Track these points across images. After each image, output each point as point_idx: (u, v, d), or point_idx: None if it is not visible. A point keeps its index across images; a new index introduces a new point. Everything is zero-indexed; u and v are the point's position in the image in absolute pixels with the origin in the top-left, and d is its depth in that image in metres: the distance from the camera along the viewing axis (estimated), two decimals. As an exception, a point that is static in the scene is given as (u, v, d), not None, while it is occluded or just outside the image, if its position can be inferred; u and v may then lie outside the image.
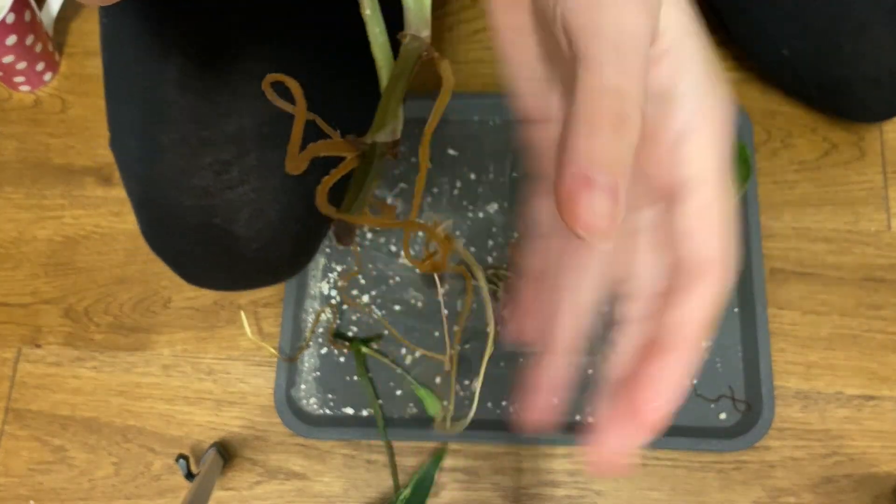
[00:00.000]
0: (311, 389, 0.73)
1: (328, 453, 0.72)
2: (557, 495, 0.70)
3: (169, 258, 0.58)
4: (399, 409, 0.72)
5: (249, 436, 0.73)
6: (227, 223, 0.54)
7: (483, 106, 0.79)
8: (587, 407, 0.71)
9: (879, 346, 0.72)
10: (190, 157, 0.53)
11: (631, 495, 0.69)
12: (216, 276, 0.59)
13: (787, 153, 0.78)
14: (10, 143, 0.85)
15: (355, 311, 0.75)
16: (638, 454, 0.70)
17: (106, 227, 0.81)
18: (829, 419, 0.70)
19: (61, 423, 0.75)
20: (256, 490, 0.71)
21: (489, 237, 0.76)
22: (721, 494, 0.69)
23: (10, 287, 0.80)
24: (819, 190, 0.77)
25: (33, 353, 0.77)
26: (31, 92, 0.87)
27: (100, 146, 0.84)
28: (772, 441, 0.69)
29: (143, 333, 0.77)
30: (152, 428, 0.74)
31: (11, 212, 0.82)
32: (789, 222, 0.76)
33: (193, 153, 0.53)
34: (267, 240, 0.55)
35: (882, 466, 0.69)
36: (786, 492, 0.68)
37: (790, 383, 0.71)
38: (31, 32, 0.80)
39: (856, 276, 0.74)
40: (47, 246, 0.81)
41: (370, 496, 0.71)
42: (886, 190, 0.77)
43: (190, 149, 0.53)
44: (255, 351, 0.75)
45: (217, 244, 0.55)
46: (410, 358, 0.73)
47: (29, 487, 0.73)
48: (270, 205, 0.54)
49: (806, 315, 0.73)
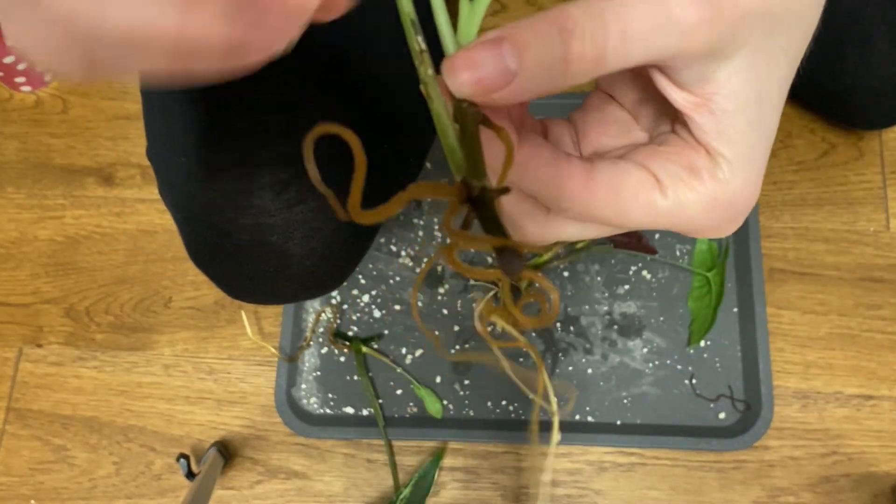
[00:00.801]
0: (311, 389, 0.73)
1: (328, 453, 0.72)
2: (557, 494, 0.70)
3: (216, 274, 0.58)
4: (399, 409, 0.72)
5: (250, 435, 0.73)
6: (283, 241, 0.54)
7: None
8: (587, 407, 0.71)
9: (878, 345, 0.72)
10: (249, 177, 0.53)
11: (631, 494, 0.69)
12: (262, 292, 0.59)
13: (786, 153, 0.78)
14: (11, 144, 0.85)
15: (355, 310, 0.75)
16: (637, 453, 0.70)
17: (107, 228, 0.81)
18: (827, 419, 0.70)
19: (62, 422, 0.75)
20: (257, 489, 0.72)
21: (489, 237, 0.76)
22: (720, 494, 0.69)
23: (12, 287, 0.80)
24: (818, 190, 0.77)
25: (34, 353, 0.77)
26: (33, 92, 0.87)
27: (101, 146, 0.84)
28: (771, 441, 0.70)
29: (143, 333, 0.77)
30: (153, 427, 0.74)
31: (13, 212, 0.83)
32: (788, 222, 0.76)
33: (252, 172, 0.53)
34: (318, 256, 0.56)
35: (881, 466, 0.69)
36: (785, 491, 0.69)
37: (789, 383, 0.71)
38: (33, 33, 0.80)
39: (854, 275, 0.74)
40: (48, 246, 0.81)
41: (370, 495, 0.71)
42: (885, 190, 0.77)
43: (248, 168, 0.53)
44: (255, 351, 0.76)
45: (270, 262, 0.56)
46: (410, 358, 0.73)
47: (30, 487, 0.73)
48: (325, 223, 0.55)
49: (805, 315, 0.73)
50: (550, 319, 0.27)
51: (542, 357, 0.73)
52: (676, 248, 0.75)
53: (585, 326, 0.73)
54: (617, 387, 0.71)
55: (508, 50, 0.22)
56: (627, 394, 0.71)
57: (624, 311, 0.73)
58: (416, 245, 0.76)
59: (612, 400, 0.71)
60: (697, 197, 0.26)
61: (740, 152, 0.25)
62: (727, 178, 0.26)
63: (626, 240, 0.75)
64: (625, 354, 0.72)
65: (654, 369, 0.71)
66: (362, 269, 0.76)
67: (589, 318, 0.73)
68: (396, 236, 0.77)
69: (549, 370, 0.72)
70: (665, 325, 0.73)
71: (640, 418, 0.70)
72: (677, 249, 0.75)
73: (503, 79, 0.22)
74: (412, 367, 0.73)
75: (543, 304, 0.27)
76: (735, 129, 0.25)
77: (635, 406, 0.71)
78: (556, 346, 0.73)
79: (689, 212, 0.26)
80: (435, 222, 0.77)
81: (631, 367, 0.72)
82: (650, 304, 0.73)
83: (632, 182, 0.26)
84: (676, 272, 0.74)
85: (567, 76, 0.23)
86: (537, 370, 0.32)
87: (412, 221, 0.77)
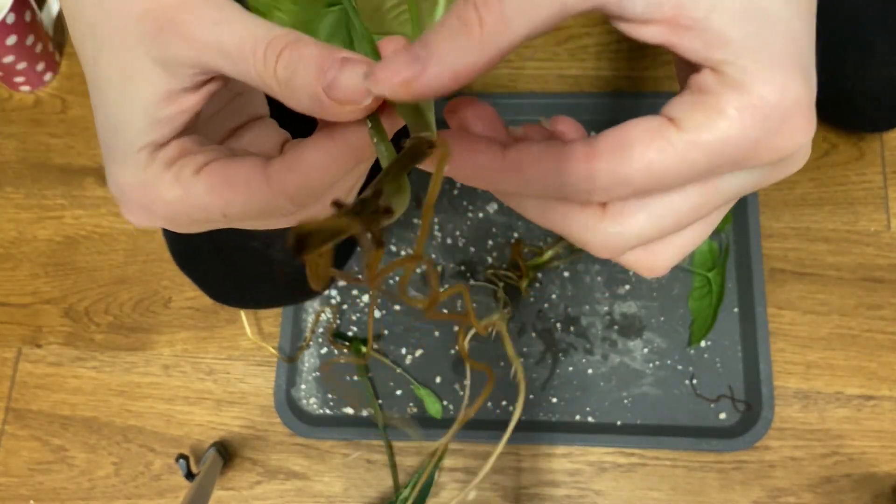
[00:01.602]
0: (311, 389, 0.73)
1: (328, 453, 0.72)
2: (557, 495, 0.70)
3: (198, 277, 0.58)
4: (399, 409, 0.72)
5: (249, 436, 0.73)
6: (264, 247, 0.54)
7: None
8: (587, 407, 0.71)
9: (879, 345, 0.72)
10: None
11: (631, 495, 0.69)
12: (244, 296, 0.59)
13: (787, 153, 0.78)
14: (10, 144, 0.85)
15: (355, 310, 0.75)
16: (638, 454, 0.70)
17: (106, 228, 0.81)
18: (828, 419, 0.70)
19: (61, 422, 0.75)
20: (256, 490, 0.71)
21: (489, 237, 0.76)
22: (721, 494, 0.69)
23: (11, 287, 0.80)
24: (818, 190, 0.77)
25: (34, 353, 0.77)
26: (32, 92, 0.87)
27: (100, 146, 0.84)
28: (771, 441, 0.69)
29: (143, 333, 0.77)
30: (152, 428, 0.74)
31: (12, 212, 0.82)
32: (789, 222, 0.76)
33: None
34: (301, 262, 0.56)
35: (881, 466, 0.69)
36: (785, 491, 0.69)
37: (790, 383, 0.71)
38: (32, 32, 0.80)
39: (855, 276, 0.74)
40: (47, 246, 0.81)
41: (370, 496, 0.71)
42: (886, 190, 0.77)
43: None
44: (255, 351, 0.75)
45: (252, 267, 0.55)
46: (410, 358, 0.73)
47: (29, 487, 0.73)
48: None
49: (805, 315, 0.73)
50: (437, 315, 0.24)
51: (542, 357, 0.72)
52: (677, 248, 0.75)
53: (586, 327, 0.73)
54: (617, 387, 0.71)
55: (411, 45, 0.23)
56: (628, 394, 0.71)
57: (624, 312, 0.73)
58: (415, 245, 0.76)
59: (612, 400, 0.71)
60: (718, 114, 0.22)
61: (743, 47, 0.22)
62: (741, 78, 0.22)
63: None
64: (625, 355, 0.72)
65: (655, 369, 0.71)
66: (362, 269, 0.76)
67: (589, 318, 0.73)
68: (396, 236, 0.77)
69: (550, 370, 0.72)
70: (665, 326, 0.73)
71: (640, 419, 0.70)
72: (678, 249, 0.74)
73: (414, 68, 0.22)
74: (412, 367, 0.73)
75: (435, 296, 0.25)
76: (721, 28, 0.22)
77: (635, 406, 0.70)
78: (556, 346, 0.72)
79: (720, 133, 0.22)
80: (436, 222, 0.77)
81: (631, 368, 0.72)
82: (650, 305, 0.73)
83: (637, 131, 0.23)
84: (677, 272, 0.74)
85: (478, 47, 0.22)
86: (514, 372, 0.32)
87: (412, 221, 0.77)
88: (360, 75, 0.23)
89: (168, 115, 0.26)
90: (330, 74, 0.24)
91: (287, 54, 0.24)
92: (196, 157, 0.27)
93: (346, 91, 0.24)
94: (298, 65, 0.24)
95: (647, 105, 0.78)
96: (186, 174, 0.26)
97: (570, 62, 0.83)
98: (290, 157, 0.26)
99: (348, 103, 0.24)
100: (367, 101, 0.24)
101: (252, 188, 0.26)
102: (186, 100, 0.26)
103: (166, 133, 0.26)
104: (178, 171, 0.26)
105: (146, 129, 0.26)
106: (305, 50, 0.24)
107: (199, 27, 0.25)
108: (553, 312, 0.74)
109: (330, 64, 0.24)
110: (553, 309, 0.74)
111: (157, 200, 0.26)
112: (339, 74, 0.24)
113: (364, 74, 0.23)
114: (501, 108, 0.79)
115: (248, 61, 0.24)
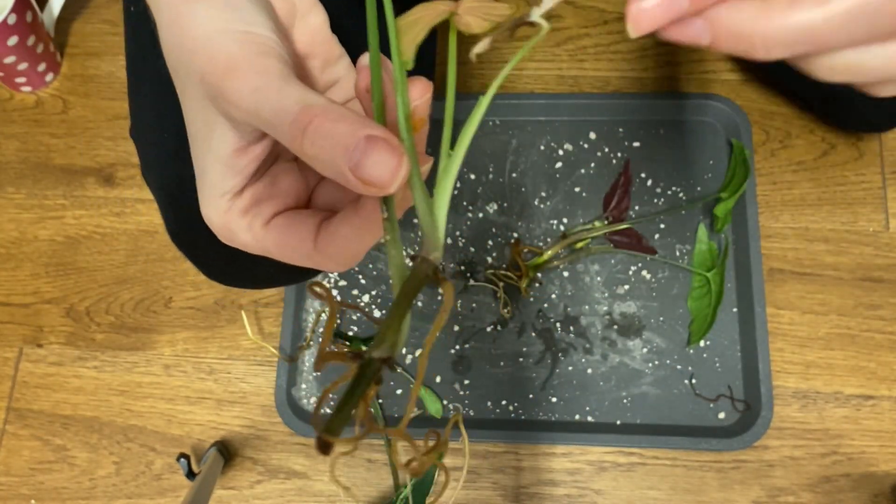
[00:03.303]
0: (311, 389, 0.73)
1: (329, 453, 0.72)
2: (557, 494, 0.70)
3: (196, 256, 0.58)
4: (399, 409, 0.72)
5: (250, 435, 0.73)
6: None
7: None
8: (587, 407, 0.71)
9: (877, 345, 0.72)
10: None
11: (630, 494, 0.69)
12: (242, 276, 0.59)
13: (786, 153, 0.78)
14: (11, 144, 0.85)
15: (355, 311, 0.75)
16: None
17: (107, 228, 0.81)
18: (827, 419, 0.70)
19: (62, 422, 0.75)
20: (257, 489, 0.72)
21: (489, 237, 0.76)
22: (720, 493, 0.69)
23: (12, 287, 0.80)
24: (817, 190, 0.77)
25: (35, 353, 0.77)
26: (33, 92, 0.87)
27: (101, 146, 0.85)
28: (770, 440, 0.70)
29: (144, 333, 0.77)
30: (153, 427, 0.74)
31: (13, 212, 0.83)
32: (788, 222, 0.76)
33: None
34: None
35: (880, 466, 0.69)
36: (784, 491, 0.69)
37: (789, 383, 0.71)
38: (33, 33, 0.80)
39: (854, 276, 0.74)
40: (49, 246, 0.81)
41: (370, 495, 0.71)
42: (885, 190, 0.77)
43: None
44: (255, 350, 0.76)
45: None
46: (410, 358, 0.73)
47: (30, 487, 0.73)
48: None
49: (804, 315, 0.73)
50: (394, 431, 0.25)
51: (542, 357, 0.73)
52: (676, 248, 0.75)
53: (585, 326, 0.73)
54: (617, 387, 0.71)
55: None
56: (627, 394, 0.71)
57: (624, 311, 0.73)
58: (416, 245, 0.76)
59: (611, 400, 0.71)
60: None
61: None
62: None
63: (626, 240, 0.75)
64: (624, 354, 0.72)
65: (654, 369, 0.71)
66: (362, 269, 0.76)
67: (589, 318, 0.73)
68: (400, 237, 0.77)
69: (550, 370, 0.72)
70: (665, 325, 0.73)
71: (639, 418, 0.70)
72: (677, 249, 0.75)
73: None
74: (412, 367, 0.73)
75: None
76: None
77: (635, 406, 0.71)
78: (555, 346, 0.73)
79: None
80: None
81: (631, 367, 0.72)
82: (650, 304, 0.73)
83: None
84: (676, 272, 0.74)
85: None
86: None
87: (412, 221, 0.77)
88: (386, 163, 0.25)
89: (241, 165, 0.30)
90: (355, 156, 0.24)
91: (312, 131, 0.25)
92: (263, 209, 0.31)
93: (371, 176, 0.25)
94: (325, 142, 0.25)
95: (647, 105, 0.79)
96: (257, 226, 0.31)
97: (569, 63, 0.83)
98: (329, 231, 0.30)
99: (373, 186, 0.25)
100: (391, 188, 0.25)
101: (304, 251, 0.31)
102: (253, 150, 0.30)
103: (239, 181, 0.31)
104: (251, 221, 0.31)
105: (224, 177, 0.30)
106: (331, 127, 0.25)
107: (241, 97, 0.27)
108: (553, 312, 0.74)
109: (355, 144, 0.24)
110: (552, 309, 0.74)
111: (235, 240, 0.32)
112: (364, 159, 0.24)
113: (389, 162, 0.25)
114: (501, 109, 0.79)
115: (281, 131, 0.26)
